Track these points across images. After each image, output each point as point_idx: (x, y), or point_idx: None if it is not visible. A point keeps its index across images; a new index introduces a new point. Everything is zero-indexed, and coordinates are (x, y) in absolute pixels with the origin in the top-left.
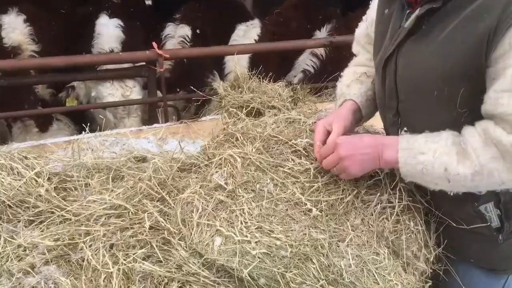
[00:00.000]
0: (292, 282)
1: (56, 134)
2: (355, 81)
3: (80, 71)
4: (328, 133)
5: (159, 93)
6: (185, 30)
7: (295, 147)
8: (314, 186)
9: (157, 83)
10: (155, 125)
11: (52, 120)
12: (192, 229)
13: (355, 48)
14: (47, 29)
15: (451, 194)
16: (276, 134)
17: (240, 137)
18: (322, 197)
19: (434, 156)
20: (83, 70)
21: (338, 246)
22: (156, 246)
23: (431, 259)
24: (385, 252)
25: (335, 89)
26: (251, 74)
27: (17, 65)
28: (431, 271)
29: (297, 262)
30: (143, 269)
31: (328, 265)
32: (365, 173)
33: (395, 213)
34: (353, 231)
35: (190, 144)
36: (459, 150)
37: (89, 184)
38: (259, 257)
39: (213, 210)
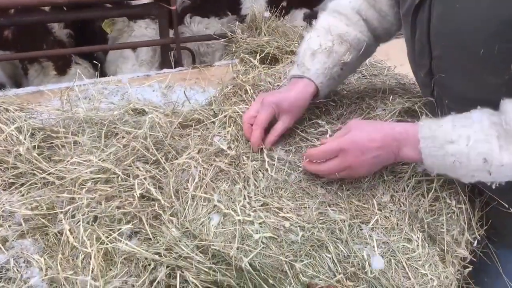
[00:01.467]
0: (302, 274)
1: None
2: (322, 51)
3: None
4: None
5: None
6: None
7: (313, 103)
8: None
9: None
10: (165, 70)
11: (71, 63)
12: (186, 203)
13: None
14: None
15: (493, 186)
16: None
17: (249, 89)
18: None
19: (468, 145)
20: None
21: (360, 229)
22: (146, 220)
23: (475, 243)
24: (418, 238)
25: (300, 45)
26: (271, 12)
27: (12, 3)
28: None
29: (309, 250)
30: (127, 250)
31: (348, 255)
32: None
33: (433, 189)
34: (380, 210)
35: (200, 93)
36: (500, 132)
37: (78, 142)
38: (263, 242)
39: (212, 181)
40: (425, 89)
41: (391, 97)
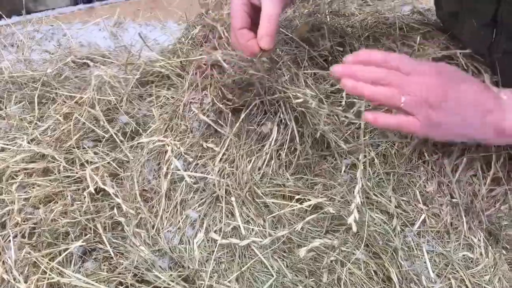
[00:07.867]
0: None
1: None
2: None
3: None
4: (254, 9)
5: None
6: None
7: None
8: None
9: None
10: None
11: None
12: (159, 205)
13: None
14: None
15: None
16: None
17: (223, 32)
18: (369, 138)
19: None
20: None
21: (404, 236)
22: (104, 232)
23: None
24: (480, 240)
25: None
26: None
27: None
28: None
29: (339, 270)
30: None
31: (399, 279)
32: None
33: (492, 171)
34: (426, 205)
35: (158, 29)
36: None
37: (4, 114)
38: (273, 266)
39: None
40: (477, 43)
41: (418, 38)
